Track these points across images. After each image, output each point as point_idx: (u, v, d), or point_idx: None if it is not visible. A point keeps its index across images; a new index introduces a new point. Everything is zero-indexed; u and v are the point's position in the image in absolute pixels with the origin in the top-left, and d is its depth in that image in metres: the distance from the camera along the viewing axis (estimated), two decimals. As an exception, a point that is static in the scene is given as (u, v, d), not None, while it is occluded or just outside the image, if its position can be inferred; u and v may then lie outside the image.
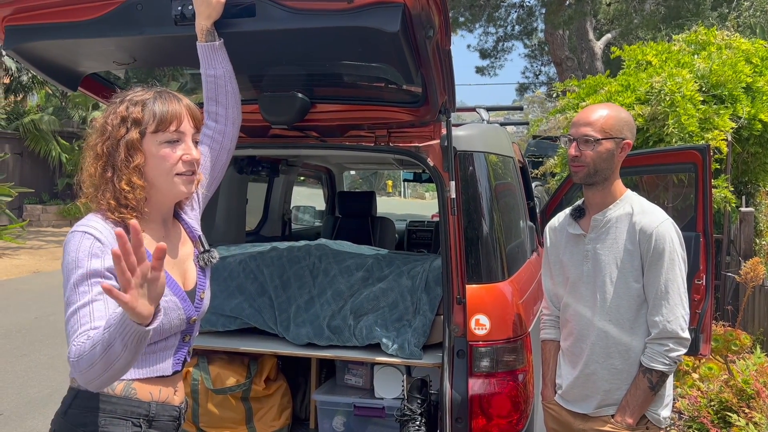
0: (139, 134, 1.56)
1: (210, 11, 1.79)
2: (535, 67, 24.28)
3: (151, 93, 1.61)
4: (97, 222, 1.52)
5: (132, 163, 1.54)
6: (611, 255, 2.12)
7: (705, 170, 2.96)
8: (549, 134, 8.64)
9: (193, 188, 1.63)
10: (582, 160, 2.10)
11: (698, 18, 13.99)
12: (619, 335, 2.11)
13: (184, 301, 1.65)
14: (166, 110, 1.57)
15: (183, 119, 1.59)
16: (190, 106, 1.62)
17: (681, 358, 2.08)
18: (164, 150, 1.57)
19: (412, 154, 2.46)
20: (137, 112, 1.56)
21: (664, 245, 2.05)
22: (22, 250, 12.43)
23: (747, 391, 3.46)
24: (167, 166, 1.57)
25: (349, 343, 2.70)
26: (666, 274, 2.05)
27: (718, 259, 5.38)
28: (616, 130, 2.10)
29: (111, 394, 1.56)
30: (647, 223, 2.07)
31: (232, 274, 2.95)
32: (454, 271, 2.34)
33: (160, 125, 1.56)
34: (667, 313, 2.04)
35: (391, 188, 36.33)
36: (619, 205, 2.15)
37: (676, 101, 5.06)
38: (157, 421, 1.62)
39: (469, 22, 18.06)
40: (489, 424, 2.30)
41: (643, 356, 2.08)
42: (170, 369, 1.66)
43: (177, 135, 1.58)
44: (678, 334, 2.04)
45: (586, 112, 2.15)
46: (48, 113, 17.05)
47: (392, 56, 1.94)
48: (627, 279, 2.10)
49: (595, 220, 2.17)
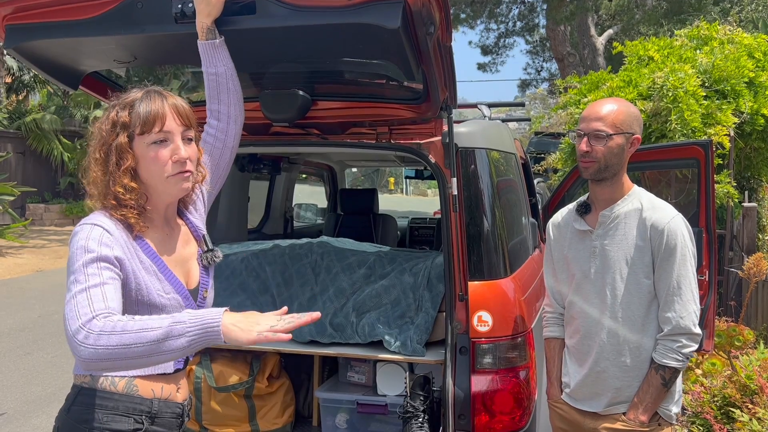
0: (127, 138, 1.57)
1: (210, 9, 1.79)
2: (536, 64, 24.25)
3: (140, 93, 1.61)
4: (103, 218, 1.55)
5: (122, 166, 1.56)
6: (621, 251, 2.10)
7: (707, 165, 2.95)
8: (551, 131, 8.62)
9: (189, 186, 1.63)
10: (593, 156, 2.07)
11: (700, 13, 13.95)
12: (630, 332, 2.10)
13: (187, 300, 1.66)
14: (149, 111, 1.57)
15: (167, 118, 1.58)
16: (177, 104, 1.61)
17: (693, 354, 2.07)
18: (153, 151, 1.57)
19: (413, 151, 2.46)
20: (125, 116, 1.58)
21: (675, 241, 2.04)
22: (24, 249, 12.45)
23: (750, 386, 3.45)
24: (158, 168, 1.57)
25: (351, 340, 2.70)
26: (678, 269, 2.04)
27: (720, 255, 5.36)
28: (626, 125, 2.09)
29: (113, 390, 1.57)
30: (658, 219, 2.06)
31: (235, 272, 2.96)
32: (456, 267, 2.34)
33: (145, 127, 1.56)
34: (680, 309, 2.03)
35: (393, 185, 36.32)
36: (628, 201, 2.13)
37: (678, 97, 5.05)
38: (159, 417, 1.63)
39: (471, 19, 18.02)
40: (492, 421, 2.30)
41: (654, 353, 2.07)
42: (172, 366, 1.66)
43: (163, 135, 1.58)
44: (691, 330, 2.03)
45: (596, 106, 2.12)
46: (50, 112, 17.05)
47: (393, 53, 1.94)
48: (637, 275, 2.08)
49: (603, 216, 2.15)
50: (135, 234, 1.59)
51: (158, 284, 1.59)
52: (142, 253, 1.58)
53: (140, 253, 1.58)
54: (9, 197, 11.75)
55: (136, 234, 1.59)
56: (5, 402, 4.76)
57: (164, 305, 1.59)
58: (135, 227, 1.58)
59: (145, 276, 1.56)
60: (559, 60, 16.17)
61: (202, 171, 1.76)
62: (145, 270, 1.57)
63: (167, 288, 1.61)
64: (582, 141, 2.10)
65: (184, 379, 1.76)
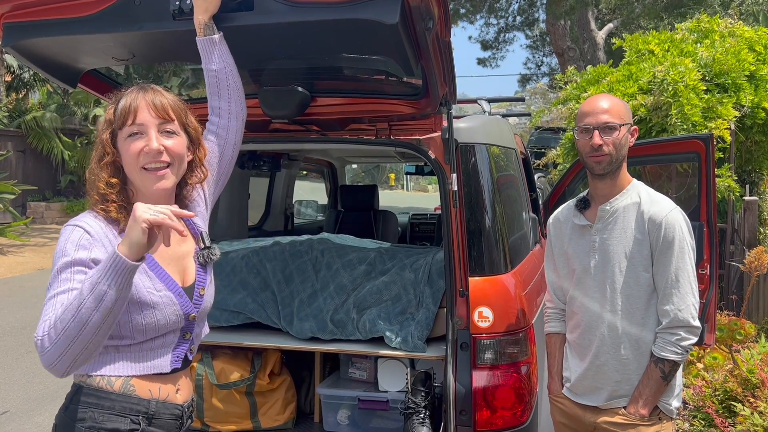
0: (110, 134, 1.61)
1: (207, 5, 1.78)
2: (537, 58, 24.21)
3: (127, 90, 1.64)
4: (88, 218, 1.57)
5: (102, 161, 1.60)
6: (620, 245, 2.10)
7: (708, 159, 2.94)
8: (551, 125, 8.61)
9: (167, 184, 1.62)
10: (605, 149, 2.06)
11: (700, 6, 13.91)
12: (630, 325, 2.10)
13: (181, 298, 1.64)
14: (124, 105, 1.59)
15: (140, 111, 1.58)
16: (155, 98, 1.61)
17: (692, 346, 2.06)
18: (128, 144, 1.59)
19: (413, 147, 2.45)
20: (110, 113, 1.62)
21: (673, 234, 2.04)
22: (26, 247, 12.46)
23: (752, 380, 3.45)
24: (132, 161, 1.59)
25: (352, 336, 2.70)
26: (676, 262, 2.04)
27: (722, 249, 5.36)
28: (627, 116, 2.11)
29: (109, 390, 1.56)
30: (656, 212, 2.06)
31: (235, 269, 2.95)
32: (456, 263, 2.33)
33: (119, 120, 1.59)
34: (678, 302, 2.03)
35: (393, 181, 36.30)
36: (626, 195, 2.13)
37: (679, 91, 5.03)
38: (157, 419, 1.61)
39: (470, 14, 18.00)
40: (493, 416, 2.30)
41: (654, 346, 2.07)
42: (168, 366, 1.64)
43: (137, 128, 1.59)
44: (689, 323, 2.03)
45: (596, 101, 2.12)
46: (50, 110, 17.04)
47: (392, 48, 1.93)
48: (637, 269, 2.08)
49: (602, 211, 2.15)
50: (121, 230, 1.58)
51: (148, 282, 1.58)
52: None
53: None
54: (10, 196, 11.76)
55: (122, 230, 1.58)
56: (7, 400, 4.77)
57: (156, 303, 1.57)
58: (121, 224, 1.58)
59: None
60: (559, 55, 16.15)
61: (204, 170, 1.75)
62: None
63: (158, 285, 1.60)
64: (594, 135, 2.07)
65: (185, 379, 1.72)
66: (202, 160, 1.74)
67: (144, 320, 1.56)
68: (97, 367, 1.56)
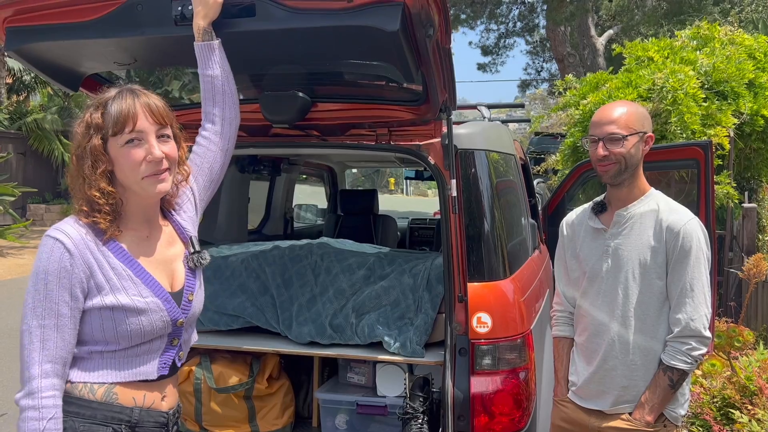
0: (101, 140, 1.54)
1: (207, 11, 1.79)
2: (536, 64, 24.21)
3: (113, 93, 1.58)
4: (70, 226, 1.53)
5: (98, 170, 1.53)
6: (634, 252, 2.10)
7: (707, 166, 2.95)
8: (551, 131, 8.62)
9: (166, 186, 1.60)
10: (611, 159, 2.08)
11: (700, 14, 13.95)
12: (640, 332, 2.10)
13: (168, 303, 1.61)
14: (119, 111, 1.53)
15: (138, 117, 1.54)
16: (150, 102, 1.57)
17: (702, 357, 2.06)
18: (126, 152, 1.54)
19: (413, 153, 2.46)
20: (98, 118, 1.55)
21: (691, 243, 2.04)
22: (25, 249, 12.45)
23: (750, 387, 3.45)
24: (133, 170, 1.54)
25: (351, 341, 2.70)
26: (692, 272, 2.04)
27: (720, 256, 5.37)
28: (639, 124, 2.10)
29: (91, 398, 1.53)
30: (675, 221, 2.07)
31: (234, 273, 2.96)
32: (455, 269, 2.34)
33: (116, 127, 1.53)
34: (692, 311, 2.03)
35: (393, 186, 36.33)
36: (644, 202, 2.14)
37: (678, 99, 5.05)
38: (141, 427, 1.57)
39: (471, 19, 18.04)
40: (491, 422, 2.30)
41: (663, 354, 2.07)
42: (155, 373, 1.61)
43: (136, 134, 1.54)
44: (701, 333, 2.03)
45: (606, 111, 2.13)
46: (51, 113, 17.06)
47: (392, 55, 1.94)
48: (650, 276, 2.09)
49: (618, 216, 2.15)
50: (106, 238, 1.55)
51: (134, 288, 1.55)
52: (113, 258, 1.55)
53: (111, 259, 1.54)
54: (10, 198, 11.75)
55: (106, 238, 1.55)
56: (6, 402, 4.76)
57: (141, 309, 1.54)
58: (107, 232, 1.55)
59: (118, 281, 1.53)
60: (559, 60, 16.17)
61: (186, 169, 1.71)
62: (117, 275, 1.54)
63: (144, 291, 1.56)
64: (598, 146, 2.10)
65: (171, 387, 1.69)
66: (183, 158, 1.70)
67: (129, 327, 1.53)
68: (80, 373, 1.55)
